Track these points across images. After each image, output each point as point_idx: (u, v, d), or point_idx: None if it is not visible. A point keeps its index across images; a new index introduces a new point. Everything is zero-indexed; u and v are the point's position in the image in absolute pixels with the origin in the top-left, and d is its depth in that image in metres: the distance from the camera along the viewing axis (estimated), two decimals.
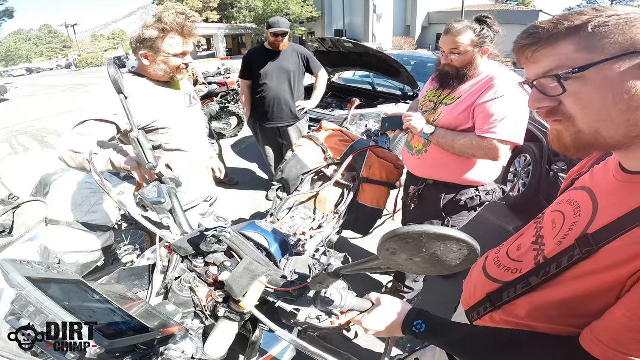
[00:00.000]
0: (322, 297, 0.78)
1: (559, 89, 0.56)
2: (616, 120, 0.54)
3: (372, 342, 1.97)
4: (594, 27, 0.53)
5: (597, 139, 0.56)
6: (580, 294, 0.57)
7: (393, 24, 27.05)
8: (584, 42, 0.54)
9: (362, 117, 3.72)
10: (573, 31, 0.54)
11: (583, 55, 0.54)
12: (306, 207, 1.86)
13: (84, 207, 1.74)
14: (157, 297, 0.93)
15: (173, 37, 1.38)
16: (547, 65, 0.57)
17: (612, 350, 0.51)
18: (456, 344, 0.71)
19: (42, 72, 35.66)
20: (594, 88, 0.54)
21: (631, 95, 0.52)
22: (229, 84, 5.25)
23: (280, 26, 2.75)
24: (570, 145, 0.59)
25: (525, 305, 0.67)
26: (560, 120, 0.59)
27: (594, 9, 0.56)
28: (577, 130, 0.57)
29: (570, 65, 0.54)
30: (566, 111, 0.57)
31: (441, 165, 1.56)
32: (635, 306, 0.49)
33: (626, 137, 0.55)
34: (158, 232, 0.94)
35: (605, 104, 0.54)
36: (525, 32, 0.59)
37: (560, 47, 0.55)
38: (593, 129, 0.56)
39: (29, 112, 9.90)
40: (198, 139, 1.71)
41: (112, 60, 0.98)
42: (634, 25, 0.52)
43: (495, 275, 0.78)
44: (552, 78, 0.56)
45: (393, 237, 0.48)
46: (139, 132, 0.99)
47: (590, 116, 0.55)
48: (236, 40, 37.74)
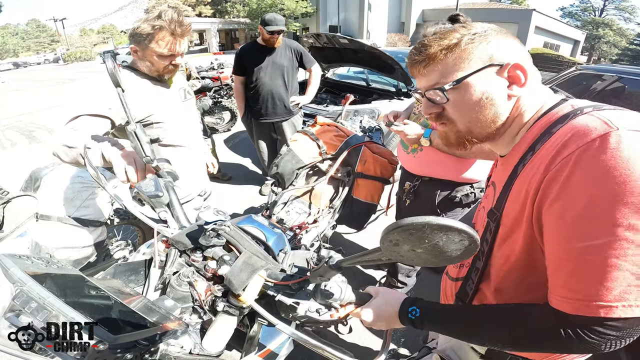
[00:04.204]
0: (322, 290, 0.78)
1: (444, 99, 0.69)
2: (482, 120, 0.69)
3: (367, 340, 1.98)
4: (465, 44, 0.66)
5: (471, 136, 0.72)
6: (514, 260, 0.67)
7: (387, 20, 27.03)
8: (459, 58, 0.67)
9: (357, 113, 3.72)
10: (451, 49, 0.67)
11: (459, 69, 0.67)
12: (301, 202, 1.86)
13: (76, 202, 1.71)
14: (155, 292, 0.92)
15: (163, 36, 1.32)
16: (433, 79, 0.70)
17: (577, 300, 0.54)
18: (451, 323, 0.73)
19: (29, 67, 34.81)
20: (465, 96, 0.67)
21: (491, 99, 0.67)
22: (222, 79, 5.22)
23: (277, 24, 2.73)
24: (454, 142, 0.75)
25: (487, 290, 0.76)
26: (445, 123, 0.74)
27: (462, 26, 0.69)
28: (458, 130, 0.72)
29: (450, 78, 0.67)
30: (449, 116, 0.72)
31: (436, 163, 1.57)
32: (555, 256, 0.57)
33: (491, 132, 0.71)
34: (155, 226, 0.93)
35: (474, 109, 0.68)
36: (417, 50, 0.71)
37: (442, 64, 0.68)
38: (468, 128, 0.71)
39: (16, 106, 9.67)
40: (192, 133, 1.69)
41: (109, 53, 0.96)
42: (490, 41, 0.66)
43: (454, 275, 0.89)
44: (438, 90, 0.68)
45: (397, 228, 0.48)
46: (136, 125, 0.97)
47: (465, 119, 0.70)
48: (229, 35, 37.34)
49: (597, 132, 0.53)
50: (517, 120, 0.70)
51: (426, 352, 1.09)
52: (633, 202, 0.49)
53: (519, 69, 0.66)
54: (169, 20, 1.30)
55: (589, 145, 0.53)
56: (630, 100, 2.95)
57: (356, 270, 2.54)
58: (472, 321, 0.69)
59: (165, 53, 1.35)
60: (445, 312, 0.75)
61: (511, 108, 0.69)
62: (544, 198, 0.58)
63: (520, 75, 0.66)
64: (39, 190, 1.73)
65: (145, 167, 1.04)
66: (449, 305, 0.81)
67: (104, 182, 0.95)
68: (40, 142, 6.01)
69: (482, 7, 24.41)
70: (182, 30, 1.34)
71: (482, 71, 0.65)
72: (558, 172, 0.55)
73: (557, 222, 0.56)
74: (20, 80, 18.61)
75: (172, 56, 1.39)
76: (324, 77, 4.78)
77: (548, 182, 0.57)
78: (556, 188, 0.55)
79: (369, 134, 2.21)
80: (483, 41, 0.66)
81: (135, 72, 1.44)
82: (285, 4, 25.08)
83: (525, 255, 0.65)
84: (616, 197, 0.49)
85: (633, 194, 0.48)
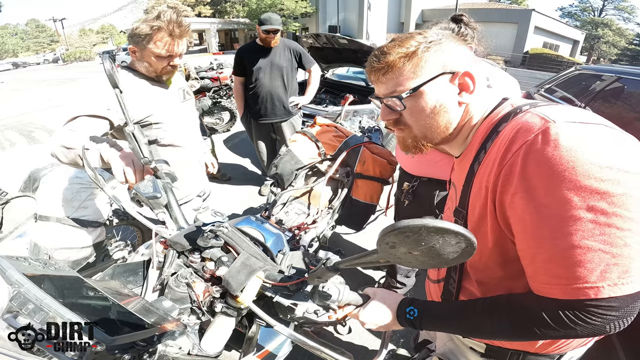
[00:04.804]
0: (320, 291, 0.78)
1: (402, 106, 0.71)
2: (436, 126, 0.73)
3: (365, 340, 1.99)
4: (421, 52, 0.69)
5: (426, 141, 0.75)
6: (488, 253, 0.69)
7: (387, 20, 27.03)
8: (415, 66, 0.69)
9: (356, 113, 3.73)
10: (409, 57, 0.69)
11: (415, 77, 0.69)
12: (300, 202, 1.86)
13: (74, 203, 1.71)
14: (153, 293, 0.92)
15: (162, 37, 1.32)
16: (391, 86, 0.72)
17: (563, 285, 0.55)
18: (450, 320, 0.73)
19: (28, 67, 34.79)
20: (421, 104, 0.70)
21: (443, 107, 0.70)
22: (222, 79, 5.21)
23: (272, 23, 2.73)
24: (411, 146, 0.78)
25: (471, 286, 0.77)
26: (402, 128, 0.76)
27: (419, 34, 0.71)
28: (414, 135, 0.76)
29: (407, 86, 0.70)
30: (406, 122, 0.75)
31: (435, 163, 1.57)
32: (528, 245, 0.59)
33: (445, 137, 0.75)
34: (153, 227, 0.93)
35: (428, 115, 0.71)
36: (376, 57, 0.72)
37: (400, 71, 0.70)
38: (423, 134, 0.74)
39: (15, 106, 9.66)
40: (192, 134, 1.69)
41: (108, 54, 0.96)
42: (443, 50, 0.69)
43: (435, 277, 0.91)
44: (396, 98, 0.70)
45: (393, 231, 0.49)
46: (135, 126, 0.97)
47: (420, 124, 0.73)
48: (229, 35, 37.34)
49: (537, 127, 0.58)
50: (467, 124, 0.74)
51: (425, 354, 1.09)
52: (586, 185, 0.51)
53: (468, 76, 0.69)
54: (167, 21, 1.29)
55: (533, 139, 0.57)
56: (629, 100, 2.94)
57: (355, 270, 2.54)
58: (471, 316, 0.69)
59: (163, 54, 1.35)
60: (444, 310, 0.76)
61: (462, 113, 0.73)
62: (503, 192, 0.61)
63: (470, 82, 0.70)
64: (38, 191, 1.73)
65: (143, 169, 1.04)
66: (447, 303, 0.81)
67: (103, 183, 0.95)
68: (39, 142, 6.00)
69: (481, 7, 24.41)
70: (181, 31, 1.34)
71: (436, 79, 0.69)
72: (511, 167, 0.59)
73: (521, 213, 0.58)
74: (20, 80, 18.61)
75: (170, 57, 1.39)
76: (323, 78, 4.78)
77: (505, 177, 0.60)
78: (513, 181, 0.58)
79: (368, 135, 2.21)
80: (438, 49, 0.69)
81: (133, 72, 1.44)
82: (285, 4, 25.08)
83: (497, 248, 0.67)
84: (569, 182, 0.52)
85: (585, 177, 0.51)
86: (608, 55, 35.64)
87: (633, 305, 0.54)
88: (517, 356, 0.77)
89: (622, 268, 0.51)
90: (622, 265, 0.51)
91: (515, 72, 14.68)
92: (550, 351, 0.74)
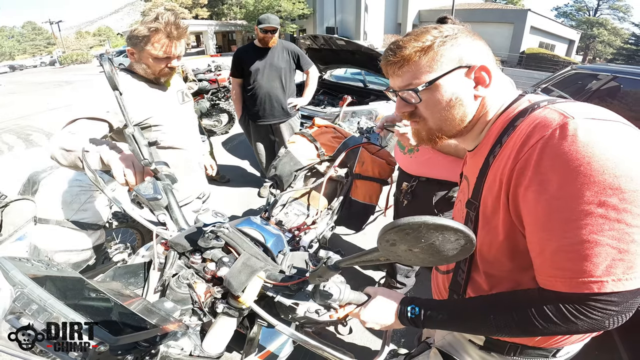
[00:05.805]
0: (321, 290, 0.78)
1: (417, 99, 0.73)
2: (452, 119, 0.73)
3: (367, 340, 1.99)
4: (437, 46, 0.69)
5: (441, 133, 0.76)
6: (498, 245, 0.70)
7: (384, 21, 27.12)
8: (431, 60, 0.70)
9: (354, 114, 3.73)
10: (425, 51, 0.70)
11: (431, 71, 0.70)
12: (300, 203, 1.86)
13: (74, 205, 1.71)
14: (154, 294, 0.93)
15: (159, 39, 1.32)
16: (407, 79, 0.72)
17: (568, 278, 0.56)
18: (452, 317, 0.73)
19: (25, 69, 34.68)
20: (437, 97, 0.71)
21: (459, 100, 0.71)
22: (220, 81, 5.20)
23: (270, 22, 2.74)
24: (425, 138, 0.79)
25: (479, 278, 0.78)
26: (417, 121, 0.78)
27: (435, 28, 0.72)
28: (429, 128, 0.77)
29: (423, 79, 0.70)
30: (421, 114, 0.76)
31: (434, 163, 1.58)
32: (537, 238, 0.60)
33: (460, 129, 0.76)
34: (154, 229, 0.93)
35: (444, 108, 0.72)
36: (391, 50, 0.73)
37: (416, 65, 0.71)
38: (438, 126, 0.75)
39: (12, 109, 9.62)
40: (191, 136, 1.69)
41: (107, 56, 0.96)
42: (459, 44, 0.70)
43: (444, 268, 0.92)
44: (411, 91, 0.72)
45: (393, 228, 0.49)
46: (134, 128, 0.98)
47: (436, 117, 0.74)
48: (226, 37, 37.34)
49: (556, 122, 0.58)
50: (483, 118, 0.75)
51: (424, 347, 1.09)
52: (600, 180, 0.52)
53: (484, 70, 0.70)
54: (165, 23, 1.30)
55: (551, 134, 0.57)
56: (625, 99, 2.97)
57: (355, 270, 2.54)
58: (474, 313, 0.70)
59: (160, 55, 1.36)
60: (445, 307, 0.76)
61: (477, 107, 0.74)
62: (517, 185, 0.61)
63: (485, 76, 0.70)
64: (37, 194, 1.72)
65: (143, 170, 1.04)
66: (448, 301, 0.82)
67: (103, 185, 0.95)
68: (37, 145, 5.98)
69: (477, 8, 24.51)
70: (179, 32, 1.35)
71: (452, 73, 0.69)
72: (527, 161, 0.59)
73: (534, 205, 0.59)
74: (17, 83, 18.54)
75: (168, 59, 1.39)
76: (321, 79, 4.79)
77: (520, 170, 0.61)
78: (528, 174, 0.59)
79: (366, 135, 2.22)
80: (454, 43, 0.70)
81: (132, 74, 1.44)
82: (282, 6, 25.12)
83: (507, 241, 0.68)
84: (584, 177, 0.53)
85: (599, 172, 0.52)
86: (604, 54, 35.84)
87: (633, 300, 0.55)
88: (515, 349, 0.78)
89: (627, 264, 0.52)
90: (628, 261, 0.52)
91: (512, 72, 14.76)
92: (548, 345, 0.75)
